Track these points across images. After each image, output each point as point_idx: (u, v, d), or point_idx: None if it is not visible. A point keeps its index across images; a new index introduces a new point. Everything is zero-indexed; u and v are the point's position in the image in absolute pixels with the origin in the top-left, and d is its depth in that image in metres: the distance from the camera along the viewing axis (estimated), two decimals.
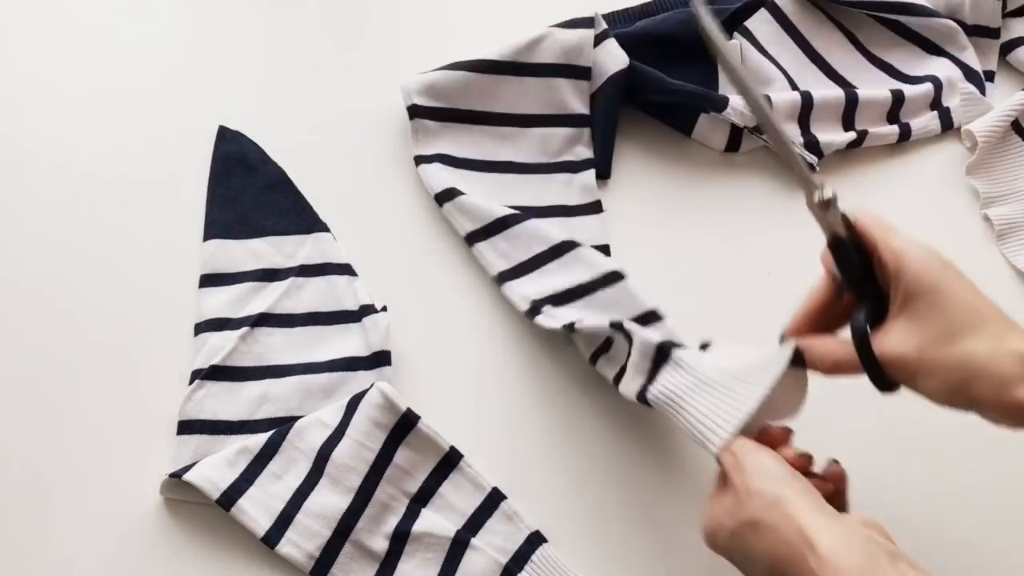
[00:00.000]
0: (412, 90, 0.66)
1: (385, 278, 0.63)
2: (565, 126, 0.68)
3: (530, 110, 0.68)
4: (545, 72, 0.68)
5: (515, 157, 0.67)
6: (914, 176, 0.74)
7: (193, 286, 0.60)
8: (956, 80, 0.77)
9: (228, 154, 0.65)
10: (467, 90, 0.67)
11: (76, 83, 0.69)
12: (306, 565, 0.51)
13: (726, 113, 0.69)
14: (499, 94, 0.68)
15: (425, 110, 0.66)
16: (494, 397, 0.59)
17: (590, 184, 0.67)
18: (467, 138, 0.67)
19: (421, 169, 0.65)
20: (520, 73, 0.68)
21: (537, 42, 0.68)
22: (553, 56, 0.68)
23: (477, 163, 0.66)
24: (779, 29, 0.79)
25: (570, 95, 0.69)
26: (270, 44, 0.74)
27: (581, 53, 0.68)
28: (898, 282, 0.44)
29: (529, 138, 0.68)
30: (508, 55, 0.67)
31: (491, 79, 0.67)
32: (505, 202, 0.64)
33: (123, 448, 0.54)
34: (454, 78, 0.67)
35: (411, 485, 0.54)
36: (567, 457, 0.58)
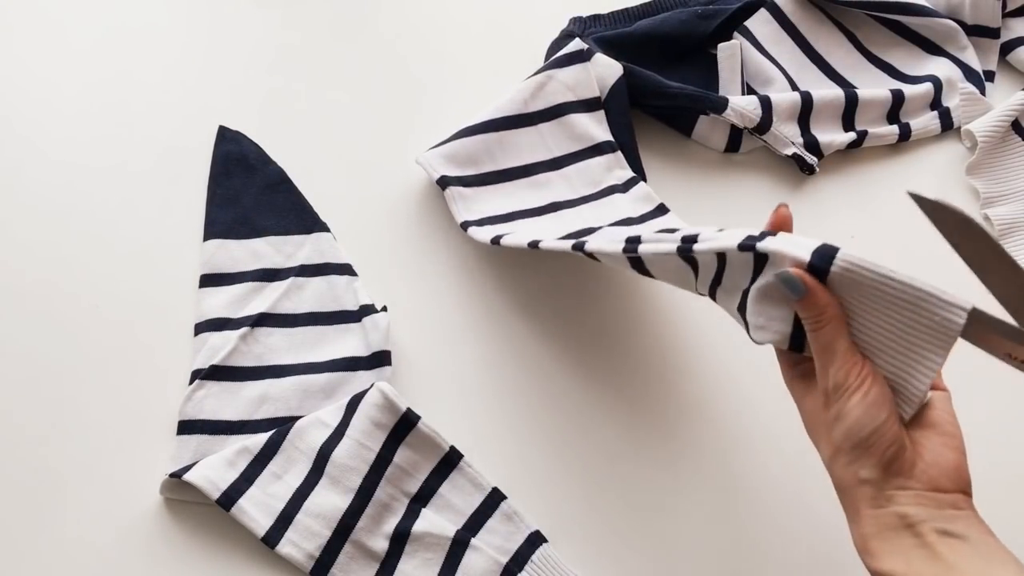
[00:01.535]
0: (434, 164, 0.64)
1: (385, 278, 0.63)
2: (596, 155, 0.67)
3: (556, 152, 0.67)
4: (557, 114, 0.67)
5: (560, 197, 0.65)
6: (914, 176, 0.74)
7: (193, 286, 0.60)
8: (956, 80, 0.77)
9: (228, 154, 0.65)
10: (488, 151, 0.65)
11: (76, 84, 0.69)
12: (306, 565, 0.51)
13: (726, 114, 0.69)
14: (520, 146, 0.66)
15: (455, 179, 0.64)
16: (494, 397, 0.59)
17: (646, 194, 0.66)
18: (505, 196, 0.65)
19: (472, 231, 0.62)
20: (533, 122, 0.67)
21: (540, 88, 0.67)
22: (560, 96, 0.68)
23: (527, 212, 0.64)
24: (779, 29, 0.79)
25: (590, 126, 0.68)
26: (271, 44, 0.74)
27: (586, 85, 0.68)
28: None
29: (565, 177, 0.66)
30: (515, 109, 0.66)
31: (508, 134, 0.66)
32: (570, 230, 0.61)
33: (123, 448, 0.54)
34: (471, 144, 0.65)
35: (411, 485, 0.54)
36: (567, 457, 0.58)
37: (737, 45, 0.73)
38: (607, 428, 0.59)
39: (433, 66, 0.74)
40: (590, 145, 0.67)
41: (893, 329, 0.41)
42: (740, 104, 0.69)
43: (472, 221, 0.62)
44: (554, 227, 0.62)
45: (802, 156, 0.71)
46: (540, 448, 0.58)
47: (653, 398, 0.60)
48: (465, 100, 0.73)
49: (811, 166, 0.71)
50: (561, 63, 0.68)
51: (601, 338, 0.62)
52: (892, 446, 0.40)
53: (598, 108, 0.68)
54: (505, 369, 0.60)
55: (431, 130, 0.71)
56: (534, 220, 0.63)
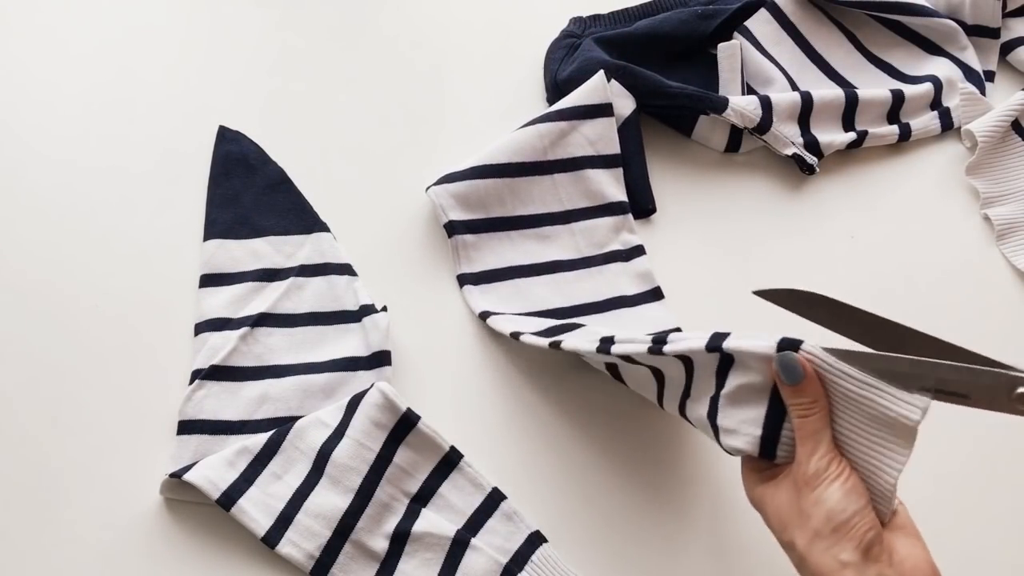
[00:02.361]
0: (444, 203, 0.63)
1: (385, 278, 0.63)
2: (606, 215, 0.66)
3: (567, 205, 0.66)
4: (575, 166, 0.66)
5: (562, 255, 0.64)
6: (914, 176, 0.74)
7: (193, 286, 0.60)
8: (956, 80, 0.77)
9: (228, 154, 0.65)
10: (499, 196, 0.64)
11: (77, 84, 0.69)
12: (306, 565, 0.51)
13: (726, 114, 0.69)
14: (532, 195, 0.65)
15: (462, 225, 0.63)
16: (494, 397, 0.59)
17: (645, 271, 0.65)
18: (509, 246, 0.64)
19: (465, 290, 0.62)
20: (550, 171, 0.66)
21: (561, 136, 0.66)
22: (580, 150, 0.67)
23: (524, 269, 0.63)
24: (779, 29, 0.79)
25: (605, 183, 0.67)
26: (271, 44, 0.74)
27: (609, 141, 0.67)
28: None
29: (572, 234, 0.65)
30: (533, 155, 0.65)
31: (522, 181, 0.65)
32: (562, 303, 0.62)
33: (123, 448, 0.54)
34: (484, 187, 0.64)
35: (411, 485, 0.54)
36: (567, 457, 0.58)
37: (737, 45, 0.73)
38: (607, 428, 0.59)
39: (434, 65, 0.74)
40: (602, 204, 0.66)
41: (858, 423, 0.42)
42: (740, 104, 0.69)
43: (468, 276, 0.62)
44: (547, 295, 0.62)
45: (802, 156, 0.71)
46: (540, 448, 0.58)
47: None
48: (465, 100, 0.73)
49: (811, 166, 0.71)
50: (587, 114, 0.67)
51: None
52: (871, 531, 0.40)
53: (616, 165, 0.67)
54: (505, 369, 0.60)
55: (431, 129, 0.71)
56: (529, 282, 0.63)
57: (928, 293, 0.68)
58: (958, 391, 0.40)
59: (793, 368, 0.41)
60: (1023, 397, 0.40)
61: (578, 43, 0.74)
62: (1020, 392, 0.40)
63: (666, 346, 0.46)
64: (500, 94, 0.73)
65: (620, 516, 0.56)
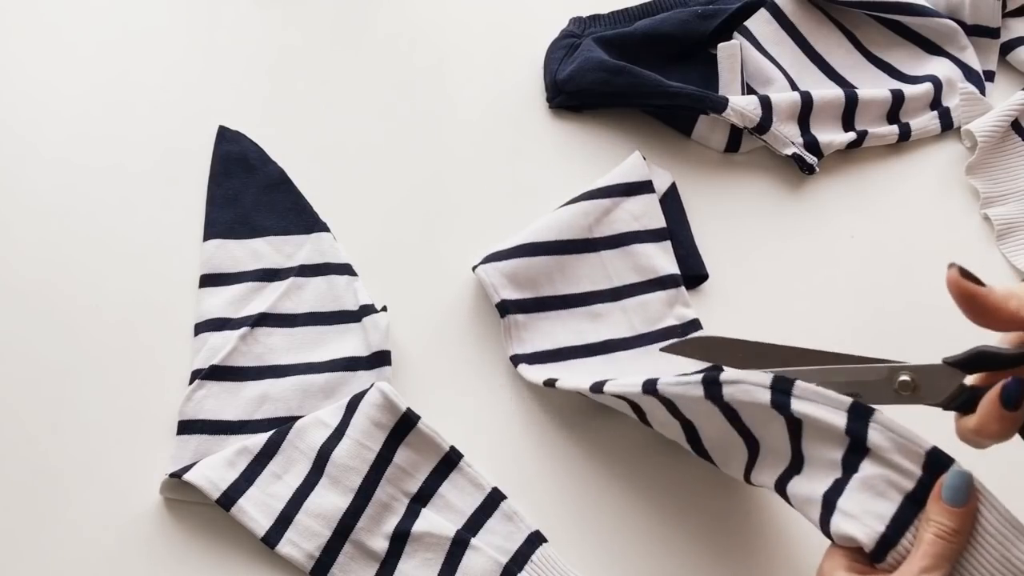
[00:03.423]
0: (496, 283, 0.61)
1: (385, 278, 0.63)
2: (658, 289, 0.63)
3: (616, 282, 0.63)
4: (622, 241, 0.64)
5: (614, 334, 0.62)
6: (914, 176, 0.74)
7: (193, 286, 0.60)
8: (956, 80, 0.77)
9: (228, 154, 0.66)
10: (548, 274, 0.62)
11: (77, 84, 0.69)
12: (306, 565, 0.51)
13: (726, 114, 0.69)
14: (581, 272, 0.63)
15: (514, 305, 0.61)
16: (494, 397, 0.59)
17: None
18: (560, 326, 0.62)
19: (521, 368, 0.59)
20: (597, 248, 0.64)
21: (605, 214, 0.64)
22: (626, 225, 0.65)
23: (577, 350, 0.61)
24: (779, 29, 0.79)
25: (655, 257, 0.64)
26: (271, 44, 0.74)
27: (654, 216, 0.66)
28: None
29: (624, 311, 0.63)
30: (579, 233, 0.63)
31: (569, 259, 0.63)
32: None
33: (123, 448, 0.54)
34: (532, 265, 0.61)
35: (411, 485, 0.54)
36: (567, 457, 0.58)
37: (737, 45, 0.73)
38: (607, 428, 0.59)
39: (433, 65, 0.74)
40: (653, 278, 0.64)
41: (984, 563, 0.39)
42: (740, 104, 0.69)
43: (521, 356, 0.60)
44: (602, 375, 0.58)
45: (802, 156, 0.71)
46: (540, 448, 0.58)
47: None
48: (464, 98, 0.73)
49: (811, 166, 0.71)
50: (628, 191, 0.66)
51: None
52: None
53: (664, 239, 0.65)
54: (505, 369, 0.60)
55: (431, 128, 0.71)
56: (583, 362, 0.61)
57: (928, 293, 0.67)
58: (851, 392, 0.42)
59: (962, 491, 0.39)
60: (905, 385, 0.43)
61: (578, 43, 0.74)
62: (902, 380, 0.43)
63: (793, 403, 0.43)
64: (499, 93, 0.73)
65: (620, 516, 0.56)
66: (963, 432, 0.42)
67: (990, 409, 0.40)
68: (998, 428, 0.40)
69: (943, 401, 0.43)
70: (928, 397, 0.43)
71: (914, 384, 0.43)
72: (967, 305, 0.40)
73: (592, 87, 0.71)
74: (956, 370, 0.42)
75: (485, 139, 0.71)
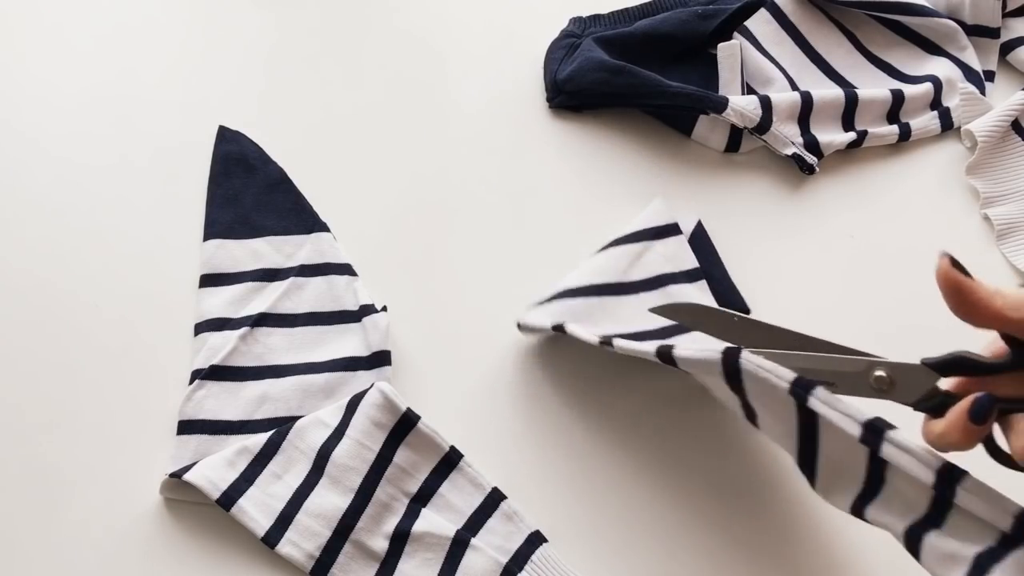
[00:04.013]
0: (542, 319, 0.58)
1: (385, 278, 0.63)
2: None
3: (660, 323, 0.59)
4: (658, 283, 0.63)
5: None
6: (914, 176, 0.74)
7: (193, 286, 0.60)
8: (956, 80, 0.77)
9: (228, 154, 0.66)
10: (591, 314, 0.60)
11: (76, 83, 0.69)
12: (306, 565, 0.51)
13: (726, 114, 0.69)
14: (621, 314, 0.61)
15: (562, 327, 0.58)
16: (494, 397, 0.59)
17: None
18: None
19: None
20: (635, 291, 0.62)
21: (637, 258, 0.63)
22: (659, 267, 0.63)
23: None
24: (779, 29, 0.79)
25: (693, 296, 0.63)
26: (270, 44, 0.74)
27: (685, 257, 0.65)
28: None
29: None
30: (615, 277, 0.62)
31: (609, 300, 0.61)
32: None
33: (123, 448, 0.54)
34: (574, 305, 0.60)
35: (411, 485, 0.54)
36: (567, 457, 0.58)
37: (737, 45, 0.73)
38: (608, 427, 0.59)
39: (433, 64, 0.74)
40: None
41: None
42: (740, 104, 0.70)
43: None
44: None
45: (802, 156, 0.71)
46: (540, 448, 0.58)
47: (654, 394, 0.60)
48: (465, 99, 0.73)
49: (811, 166, 0.71)
50: (656, 235, 0.65)
51: None
52: None
53: (700, 278, 0.64)
54: (505, 368, 0.60)
55: (431, 128, 0.71)
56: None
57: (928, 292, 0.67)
58: (827, 380, 0.43)
59: None
60: (880, 381, 0.43)
61: (578, 43, 0.74)
62: (877, 375, 0.43)
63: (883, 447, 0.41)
64: (500, 93, 0.73)
65: (620, 515, 0.56)
66: (928, 434, 0.42)
67: (957, 420, 0.40)
68: (961, 439, 0.40)
69: (915, 401, 0.43)
70: (902, 395, 0.43)
71: (890, 380, 0.43)
72: (953, 296, 0.40)
73: (592, 87, 0.71)
74: (932, 372, 0.42)
75: (485, 139, 0.71)
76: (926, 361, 0.42)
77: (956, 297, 0.40)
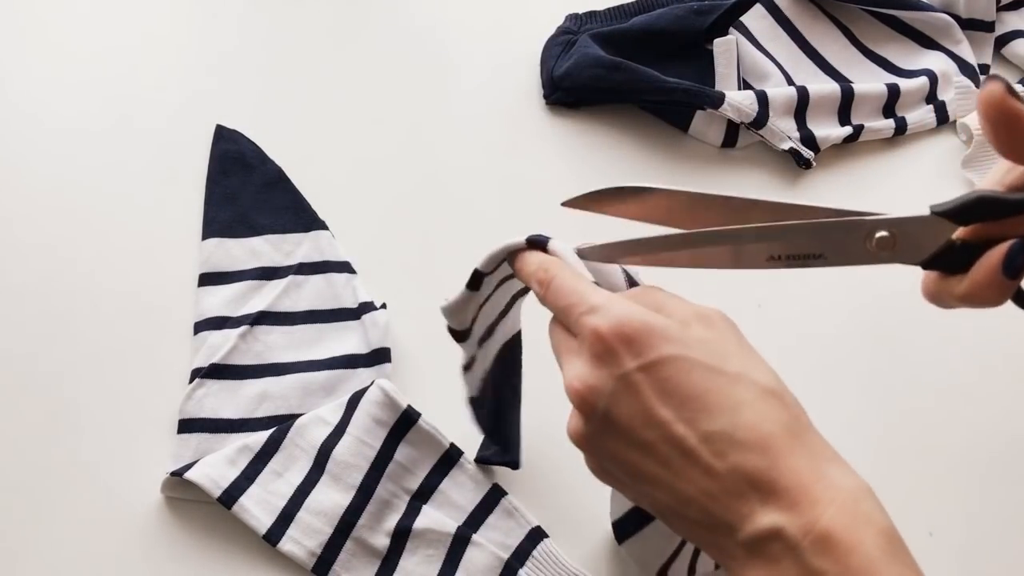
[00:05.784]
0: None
1: (384, 275, 0.63)
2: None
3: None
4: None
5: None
6: (910, 170, 0.75)
7: (192, 285, 0.60)
8: (951, 74, 0.77)
9: (226, 153, 0.65)
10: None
11: (75, 83, 0.69)
12: (308, 563, 0.51)
13: (723, 109, 0.69)
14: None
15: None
16: None
17: None
18: None
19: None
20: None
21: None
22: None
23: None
24: (774, 24, 0.80)
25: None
26: (268, 43, 0.74)
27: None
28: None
29: None
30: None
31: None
32: None
33: (124, 447, 0.54)
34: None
35: (412, 482, 0.54)
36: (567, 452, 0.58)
37: (733, 40, 0.73)
38: None
39: (430, 63, 0.74)
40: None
41: None
42: (736, 99, 0.70)
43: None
44: None
45: (798, 151, 0.71)
46: (540, 443, 0.58)
47: None
48: (461, 96, 0.73)
49: (807, 160, 0.71)
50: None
51: None
52: None
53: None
54: None
55: (428, 125, 0.71)
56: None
57: None
58: (811, 252, 0.37)
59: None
60: (883, 242, 0.36)
61: (574, 39, 0.74)
62: (880, 236, 0.36)
63: None
64: (497, 90, 0.73)
65: None
66: (942, 294, 0.37)
67: (987, 274, 0.34)
68: (993, 295, 0.35)
69: (926, 259, 0.36)
70: (907, 254, 0.37)
71: (892, 239, 0.36)
72: (1005, 128, 0.33)
73: (589, 83, 0.71)
74: (945, 221, 0.36)
75: (482, 136, 0.71)
76: (936, 209, 0.36)
77: (1008, 130, 0.33)
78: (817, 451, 0.34)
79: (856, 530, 0.31)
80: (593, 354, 0.36)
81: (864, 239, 0.37)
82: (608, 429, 0.36)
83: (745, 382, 0.34)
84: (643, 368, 0.35)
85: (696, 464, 0.34)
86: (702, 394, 0.34)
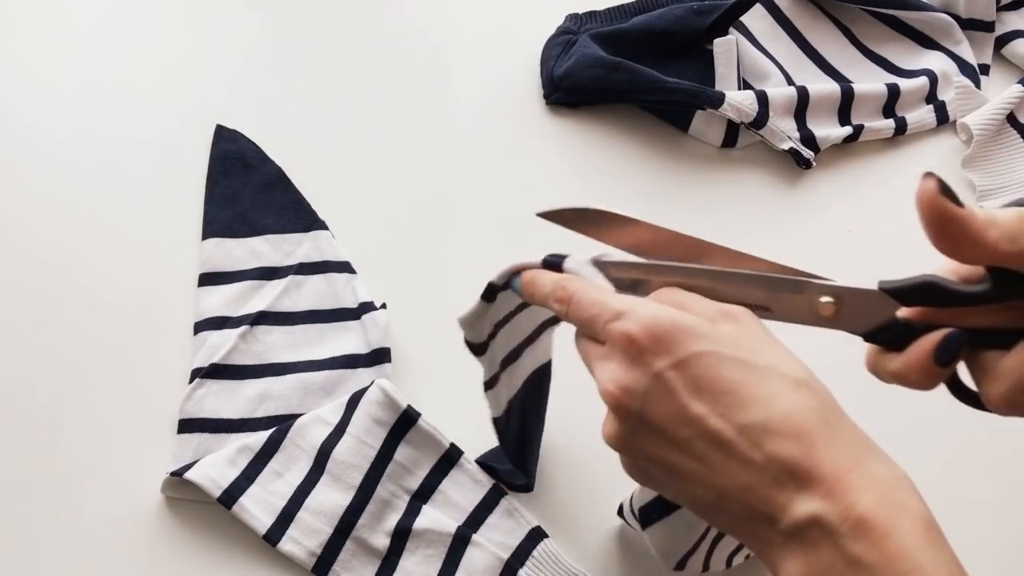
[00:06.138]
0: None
1: (384, 275, 0.63)
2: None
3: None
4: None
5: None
6: (910, 170, 0.74)
7: (192, 285, 0.60)
8: (951, 74, 0.77)
9: (226, 153, 0.65)
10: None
11: (75, 83, 0.69)
12: (308, 563, 0.51)
13: (723, 109, 0.69)
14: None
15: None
16: None
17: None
18: None
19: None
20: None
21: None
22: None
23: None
24: (775, 24, 0.80)
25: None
26: (268, 43, 0.74)
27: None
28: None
29: None
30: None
31: None
32: None
33: (124, 447, 0.54)
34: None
35: (412, 482, 0.54)
36: (567, 452, 0.58)
37: (733, 40, 0.73)
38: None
39: (430, 63, 0.74)
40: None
41: None
42: (736, 99, 0.70)
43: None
44: None
45: (798, 150, 0.71)
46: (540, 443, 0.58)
47: None
48: (462, 96, 0.73)
49: (807, 160, 0.71)
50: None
51: None
52: None
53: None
54: None
55: (428, 126, 0.71)
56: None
57: None
58: (759, 303, 0.38)
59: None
60: (826, 307, 0.37)
61: (574, 40, 0.74)
62: (824, 302, 0.37)
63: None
64: (497, 90, 0.73)
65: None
66: (879, 370, 0.37)
67: (920, 357, 0.35)
68: (922, 380, 0.35)
69: (869, 331, 0.37)
70: (851, 323, 0.37)
71: (836, 307, 0.37)
72: (940, 229, 0.32)
73: (588, 83, 0.71)
74: (890, 299, 0.36)
75: (482, 136, 0.71)
76: (884, 286, 0.36)
77: (943, 230, 0.32)
78: (853, 439, 0.35)
79: (893, 516, 0.32)
80: (625, 356, 0.37)
81: (809, 301, 0.38)
82: (644, 429, 0.37)
83: (775, 374, 0.35)
84: (675, 366, 0.35)
85: (733, 457, 0.34)
86: (735, 388, 0.34)
